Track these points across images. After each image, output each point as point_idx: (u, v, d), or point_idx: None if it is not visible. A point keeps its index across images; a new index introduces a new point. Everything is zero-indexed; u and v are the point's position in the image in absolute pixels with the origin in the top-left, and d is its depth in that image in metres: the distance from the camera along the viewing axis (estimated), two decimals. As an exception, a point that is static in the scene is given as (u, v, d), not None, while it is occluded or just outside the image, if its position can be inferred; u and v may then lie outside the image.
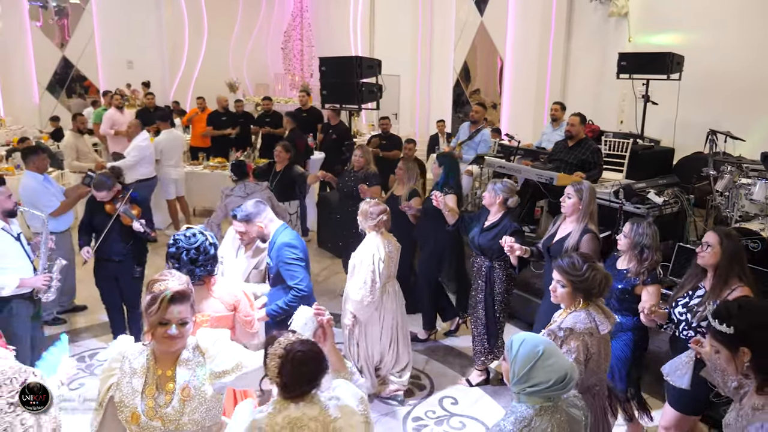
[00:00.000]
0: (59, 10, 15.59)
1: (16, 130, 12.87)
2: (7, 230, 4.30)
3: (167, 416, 2.32)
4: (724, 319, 2.34)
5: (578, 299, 3.04)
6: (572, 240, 4.12)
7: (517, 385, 2.24)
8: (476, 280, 4.84)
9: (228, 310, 3.14)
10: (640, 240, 3.72)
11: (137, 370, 2.37)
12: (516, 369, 2.23)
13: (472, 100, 12.69)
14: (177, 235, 3.18)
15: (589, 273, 2.99)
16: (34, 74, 15.28)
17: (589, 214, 4.19)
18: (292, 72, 16.86)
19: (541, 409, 2.21)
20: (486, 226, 4.70)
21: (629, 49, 8.88)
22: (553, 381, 2.18)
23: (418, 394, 4.87)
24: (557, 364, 2.21)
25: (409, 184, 5.76)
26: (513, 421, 2.19)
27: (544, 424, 2.18)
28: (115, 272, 5.14)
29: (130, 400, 2.32)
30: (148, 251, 5.63)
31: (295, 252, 3.72)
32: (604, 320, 2.98)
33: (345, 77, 7.26)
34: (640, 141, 7.98)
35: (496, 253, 4.58)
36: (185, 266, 3.07)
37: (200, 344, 2.45)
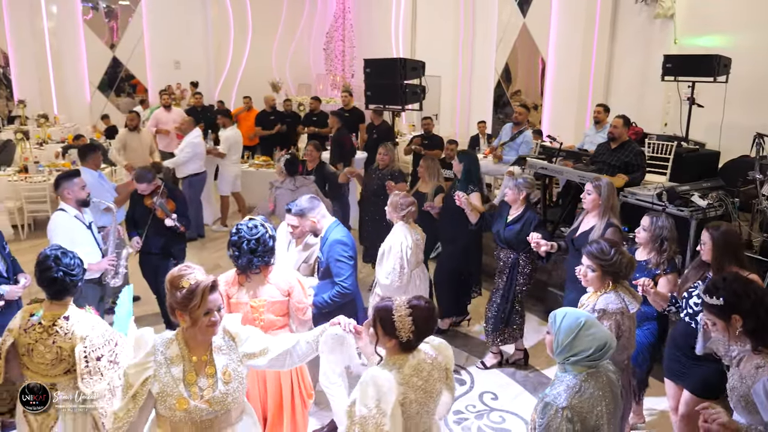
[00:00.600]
0: (109, 11, 16.10)
1: (69, 128, 13.37)
2: (79, 218, 4.64)
3: (214, 399, 2.47)
4: (713, 293, 2.64)
5: (607, 282, 3.32)
6: (596, 233, 4.34)
7: (561, 354, 2.47)
8: (501, 273, 5.10)
9: (282, 296, 3.33)
10: (661, 233, 3.94)
11: (173, 359, 2.49)
12: (560, 339, 2.46)
13: (513, 101, 12.69)
14: (240, 225, 3.32)
15: (616, 257, 3.26)
16: (86, 74, 15.82)
17: (609, 208, 4.43)
18: (333, 72, 17.05)
19: (587, 375, 2.44)
20: (510, 221, 4.96)
21: (675, 50, 8.79)
22: (594, 349, 2.41)
23: (458, 389, 4.97)
24: (598, 334, 2.44)
25: (432, 182, 5.99)
26: (564, 389, 2.41)
27: (591, 388, 2.41)
28: (156, 265, 5.41)
29: (173, 389, 2.45)
30: (186, 246, 5.86)
31: (345, 250, 3.88)
32: (632, 300, 3.26)
33: (389, 78, 7.39)
34: (685, 144, 7.92)
35: (522, 245, 4.84)
36: (245, 255, 3.23)
37: (229, 330, 2.63)
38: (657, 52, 8.84)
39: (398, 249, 4.62)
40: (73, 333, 2.85)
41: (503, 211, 5.11)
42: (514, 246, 4.95)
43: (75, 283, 2.97)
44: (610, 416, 2.46)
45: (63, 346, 2.85)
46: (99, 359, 2.85)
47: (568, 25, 10.69)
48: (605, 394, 2.44)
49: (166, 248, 5.47)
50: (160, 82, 15.65)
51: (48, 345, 2.85)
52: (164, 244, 5.45)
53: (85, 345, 2.84)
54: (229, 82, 16.77)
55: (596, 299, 3.30)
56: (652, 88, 9.25)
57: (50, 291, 2.93)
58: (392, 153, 6.64)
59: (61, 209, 4.66)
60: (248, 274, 3.31)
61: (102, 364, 2.86)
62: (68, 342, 2.85)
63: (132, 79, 16.68)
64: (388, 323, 2.53)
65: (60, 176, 4.82)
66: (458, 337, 5.91)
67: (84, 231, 4.66)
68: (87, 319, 2.96)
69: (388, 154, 6.55)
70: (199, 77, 15.70)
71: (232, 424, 2.59)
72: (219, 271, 7.34)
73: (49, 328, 2.87)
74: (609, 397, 2.45)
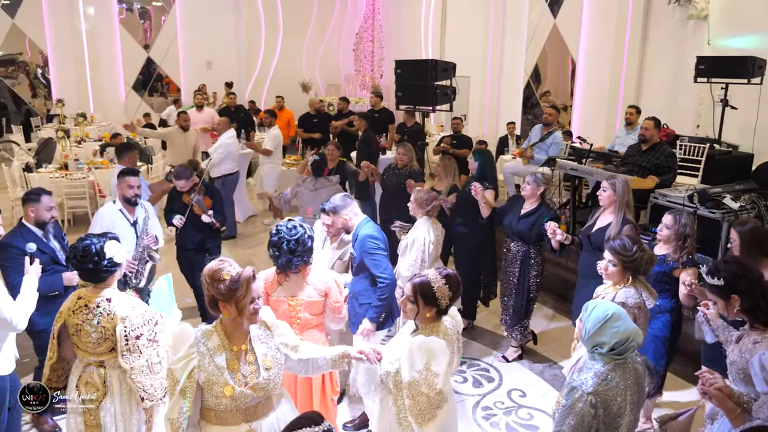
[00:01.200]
0: (143, 12, 16.44)
1: (105, 127, 13.70)
2: (123, 213, 4.85)
3: (258, 385, 2.59)
4: (714, 274, 2.85)
5: (627, 277, 3.46)
6: (613, 230, 4.45)
7: (588, 343, 2.63)
8: (512, 264, 5.26)
9: (320, 296, 3.43)
10: (684, 231, 4.07)
11: (215, 350, 2.59)
12: (588, 328, 2.62)
13: (542, 101, 12.67)
14: (280, 226, 3.43)
15: (638, 253, 3.39)
16: (121, 74, 16.20)
17: (625, 204, 4.55)
18: (362, 73, 17.18)
19: (615, 365, 2.57)
20: (523, 214, 5.14)
21: (708, 52, 8.73)
22: (616, 342, 2.53)
23: (487, 385, 5.05)
24: (622, 327, 2.55)
25: (448, 180, 6.07)
26: (592, 375, 2.55)
27: (617, 378, 2.54)
28: (192, 260, 5.61)
29: (218, 377, 2.55)
30: (221, 243, 6.03)
31: (376, 242, 3.98)
32: (648, 296, 3.43)
33: (420, 79, 7.46)
34: (717, 146, 7.87)
35: (534, 238, 5.08)
36: (284, 255, 3.34)
37: (264, 320, 2.77)
38: (690, 54, 8.78)
39: (421, 243, 4.83)
40: (114, 314, 3.05)
41: (515, 204, 5.30)
42: (526, 238, 5.13)
43: (114, 271, 3.16)
44: (633, 406, 2.57)
45: (106, 326, 3.05)
46: (138, 338, 3.02)
47: (600, 26, 10.66)
48: (630, 385, 2.56)
49: (203, 244, 5.66)
50: (193, 82, 15.95)
51: (93, 325, 3.05)
52: (201, 240, 5.64)
53: (125, 325, 3.02)
54: (259, 82, 17.01)
55: (615, 292, 3.44)
56: (685, 90, 9.19)
57: (92, 278, 3.12)
58: (411, 153, 6.74)
59: (112, 200, 5.02)
60: (287, 273, 3.41)
61: (141, 343, 3.03)
62: (110, 322, 3.04)
63: (164, 79, 17.02)
64: (429, 295, 2.82)
65: (121, 171, 5.13)
66: (485, 334, 5.99)
67: (127, 227, 4.86)
68: (127, 300, 3.14)
69: (407, 154, 6.67)
70: (231, 78, 15.95)
71: (274, 408, 2.72)
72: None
73: (93, 309, 3.07)
74: (633, 389, 2.57)
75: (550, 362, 5.44)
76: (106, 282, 3.14)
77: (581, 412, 2.49)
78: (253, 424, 2.64)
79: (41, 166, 9.42)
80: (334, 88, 17.93)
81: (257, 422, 2.65)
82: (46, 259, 4.01)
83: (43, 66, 15.84)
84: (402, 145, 6.92)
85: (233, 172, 8.59)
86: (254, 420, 2.64)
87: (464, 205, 5.70)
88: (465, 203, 5.65)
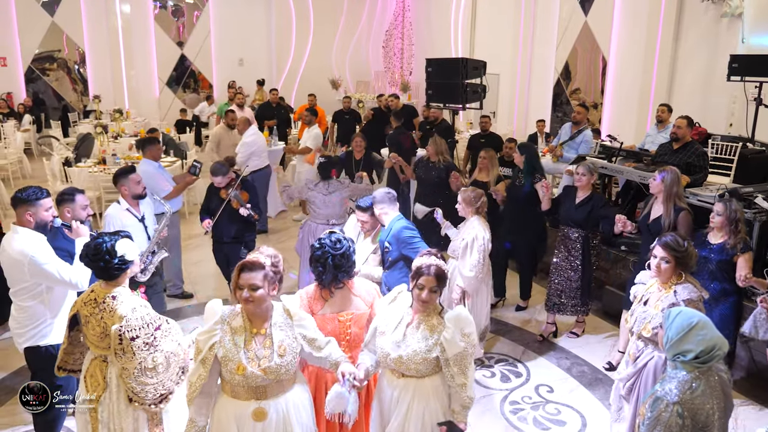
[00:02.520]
0: (176, 9, 16.73)
1: (140, 122, 14.00)
2: (131, 211, 4.99)
3: (269, 369, 2.77)
4: None
5: (678, 272, 3.46)
6: (667, 219, 4.75)
7: (670, 351, 2.54)
8: (573, 250, 5.54)
9: (367, 307, 3.33)
10: (735, 216, 4.32)
11: (237, 329, 2.82)
12: (670, 335, 2.53)
13: (572, 99, 12.64)
14: (323, 240, 3.30)
15: (690, 249, 3.46)
16: (155, 70, 16.52)
17: (675, 194, 4.80)
18: (392, 70, 17.27)
19: (699, 373, 2.49)
20: (578, 203, 5.44)
21: (742, 50, 8.64)
22: (701, 350, 2.45)
23: (515, 381, 5.12)
24: (708, 336, 2.47)
25: (493, 171, 6.28)
26: (677, 384, 2.46)
27: (702, 386, 2.46)
28: (227, 253, 5.79)
29: (234, 354, 2.77)
30: (256, 237, 6.19)
31: (413, 232, 4.12)
32: (702, 288, 3.45)
33: (450, 78, 7.54)
34: (750, 145, 7.80)
35: (591, 223, 5.38)
36: (329, 271, 3.20)
37: (288, 309, 2.91)
38: (723, 52, 8.71)
39: (481, 242, 4.88)
40: (115, 312, 3.04)
41: (568, 195, 5.60)
42: (584, 225, 5.43)
43: (126, 269, 3.16)
44: (721, 414, 2.51)
45: (107, 322, 3.05)
46: (133, 340, 2.95)
47: (631, 24, 10.60)
48: (716, 393, 2.49)
49: (238, 237, 5.83)
50: (225, 79, 16.22)
51: (97, 319, 3.07)
52: (236, 233, 5.81)
53: (121, 324, 2.98)
54: (289, 79, 17.20)
55: (672, 290, 3.42)
56: (717, 88, 9.11)
57: (105, 276, 3.13)
58: (438, 146, 6.83)
59: (116, 202, 5.11)
60: (332, 289, 3.26)
61: (136, 345, 2.95)
62: (110, 319, 3.04)
63: (198, 75, 17.30)
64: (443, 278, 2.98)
65: (117, 173, 5.11)
66: (514, 330, 6.05)
67: (135, 223, 4.99)
68: (131, 301, 3.11)
69: (434, 147, 6.81)
70: (262, 74, 16.17)
71: (285, 392, 2.88)
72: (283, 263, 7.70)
73: (99, 304, 3.09)
74: (720, 396, 2.51)
75: (577, 359, 5.48)
76: (118, 280, 3.14)
77: (668, 423, 2.41)
78: (263, 403, 2.81)
79: (80, 160, 9.69)
80: (363, 84, 18.06)
81: (267, 402, 2.82)
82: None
83: (80, 63, 16.25)
84: (432, 140, 7.03)
85: (263, 167, 8.65)
86: (264, 399, 2.82)
87: (517, 199, 6.07)
88: (519, 197, 6.02)
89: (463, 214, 5.07)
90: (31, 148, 14.11)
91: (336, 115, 11.66)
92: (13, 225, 3.69)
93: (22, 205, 3.68)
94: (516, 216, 6.17)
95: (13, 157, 12.03)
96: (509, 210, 6.23)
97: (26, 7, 15.23)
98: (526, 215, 6.11)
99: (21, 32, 15.30)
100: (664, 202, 4.79)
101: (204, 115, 14.91)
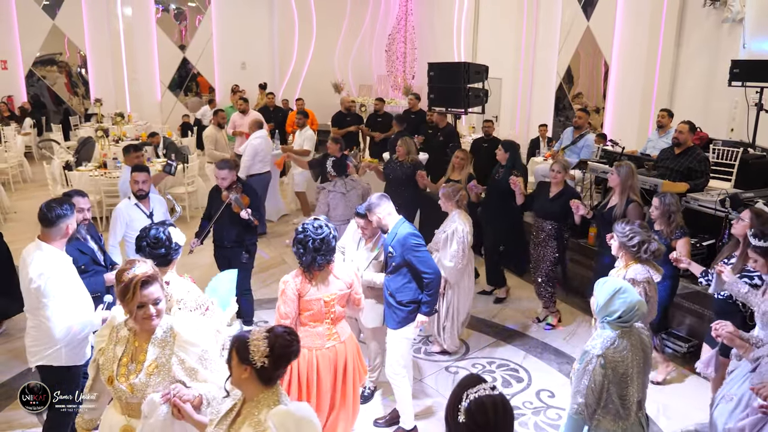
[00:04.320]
0: (178, 13, 16.77)
1: (142, 126, 14.01)
2: (139, 207, 5.06)
3: (135, 386, 2.64)
4: (761, 237, 3.52)
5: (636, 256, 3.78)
6: (618, 209, 5.26)
7: (600, 313, 2.94)
8: (547, 241, 5.91)
9: (347, 288, 3.62)
10: (668, 209, 4.79)
11: (120, 339, 2.73)
12: (599, 300, 2.93)
13: (574, 103, 12.64)
14: (306, 224, 3.53)
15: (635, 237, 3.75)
16: (157, 73, 16.54)
17: (629, 187, 5.29)
18: (394, 74, 17.27)
19: (622, 332, 2.88)
20: (552, 197, 5.85)
21: (743, 55, 8.65)
22: (624, 310, 2.84)
23: (516, 386, 5.11)
24: (629, 298, 2.86)
25: (466, 170, 6.59)
26: (602, 341, 2.87)
27: (624, 342, 2.86)
28: (228, 257, 5.78)
29: (110, 365, 2.69)
30: (257, 241, 6.17)
31: (418, 240, 4.11)
32: (655, 272, 3.79)
33: (452, 82, 7.53)
34: (751, 150, 7.80)
35: (564, 216, 5.79)
36: (309, 253, 3.44)
37: (175, 328, 2.70)
38: (724, 57, 8.72)
39: (461, 234, 5.18)
40: (171, 296, 3.22)
41: (543, 190, 6.01)
42: (558, 217, 5.82)
43: (179, 253, 3.45)
44: (639, 370, 2.90)
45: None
46: None
47: (633, 28, 10.61)
48: (636, 350, 2.89)
49: (239, 241, 5.80)
50: (227, 82, 16.23)
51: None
52: (236, 237, 5.79)
53: (179, 306, 3.20)
54: (292, 82, 17.20)
55: (626, 270, 3.79)
56: (719, 94, 9.11)
57: (162, 262, 3.30)
58: (408, 145, 7.11)
59: (127, 198, 5.34)
60: (312, 271, 3.50)
61: None
62: (168, 303, 3.10)
63: (198, 78, 17.30)
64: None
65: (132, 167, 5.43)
66: (515, 335, 6.04)
67: (144, 219, 5.14)
68: (184, 284, 3.35)
69: (403, 147, 7.07)
70: (264, 78, 16.18)
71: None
72: (285, 266, 7.74)
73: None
74: (640, 355, 2.90)
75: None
76: (170, 265, 3.38)
77: (593, 372, 2.80)
78: (132, 421, 2.68)
79: (81, 164, 9.67)
80: (366, 88, 18.04)
81: (136, 421, 2.66)
82: (87, 260, 4.13)
83: (82, 66, 16.27)
84: (402, 139, 7.26)
85: (263, 173, 8.64)
86: (132, 418, 2.68)
87: (495, 192, 6.47)
88: (498, 191, 6.39)
89: (445, 208, 5.38)
90: (32, 151, 14.13)
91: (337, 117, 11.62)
92: (38, 240, 3.50)
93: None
94: (493, 208, 6.57)
95: (14, 161, 12.01)
96: (487, 202, 6.61)
97: (27, 9, 15.25)
98: (503, 208, 6.47)
99: (22, 35, 15.31)
100: (619, 194, 5.32)
101: (206, 118, 14.91)
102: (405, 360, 4.30)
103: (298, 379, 3.48)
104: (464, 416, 1.89)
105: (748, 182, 7.00)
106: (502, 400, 1.93)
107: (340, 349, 3.61)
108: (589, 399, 2.81)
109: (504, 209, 6.48)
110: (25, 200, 10.61)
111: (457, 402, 1.93)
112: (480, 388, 1.93)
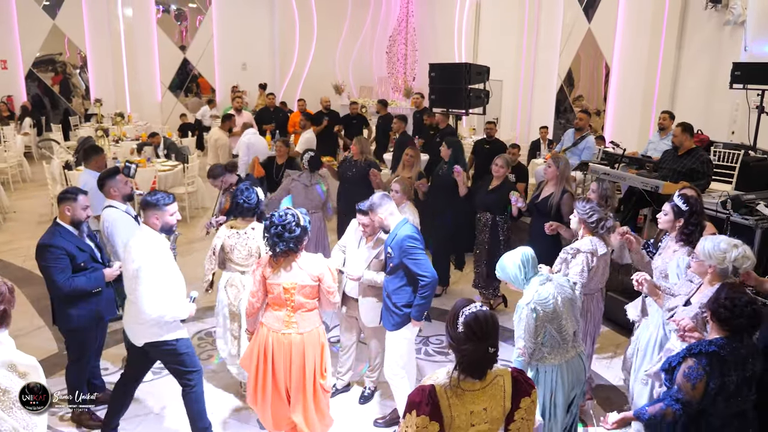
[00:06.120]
0: (179, 14, 16.76)
1: (142, 126, 14.00)
2: (129, 212, 4.90)
3: None
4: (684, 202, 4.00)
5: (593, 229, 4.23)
6: (555, 198, 5.50)
7: (521, 283, 3.41)
8: (482, 233, 6.23)
9: (312, 281, 3.71)
10: (605, 193, 5.07)
11: None
12: (509, 275, 3.43)
13: (575, 105, 12.64)
14: (274, 213, 3.69)
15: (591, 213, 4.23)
16: (158, 74, 16.52)
17: (565, 179, 5.57)
18: (395, 75, 17.27)
19: (545, 279, 3.38)
20: (490, 189, 6.12)
21: (744, 58, 8.64)
22: (520, 264, 3.39)
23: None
24: (513, 256, 3.42)
25: (416, 168, 6.79)
26: (526, 294, 3.35)
27: (546, 290, 3.32)
28: None
29: None
30: None
31: (415, 243, 4.03)
32: (603, 246, 4.21)
33: (453, 83, 7.53)
34: (752, 152, 7.79)
35: (499, 209, 6.06)
36: (271, 238, 3.62)
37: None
38: (726, 59, 8.72)
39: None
40: (256, 237, 4.41)
41: (484, 183, 6.29)
42: (493, 209, 6.10)
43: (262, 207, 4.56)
44: (566, 308, 3.36)
45: (252, 246, 4.46)
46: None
47: (635, 31, 10.60)
48: (558, 292, 3.34)
49: None
50: (227, 83, 16.23)
51: (243, 245, 4.48)
52: None
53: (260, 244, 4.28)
54: (292, 83, 17.21)
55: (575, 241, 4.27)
56: (720, 96, 9.11)
57: (247, 214, 4.46)
58: (361, 145, 7.07)
59: (110, 206, 4.78)
60: (276, 256, 3.65)
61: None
62: (255, 243, 4.43)
63: (198, 78, 17.30)
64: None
65: (102, 175, 4.90)
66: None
67: (132, 223, 4.81)
68: (261, 229, 3.96)
69: (357, 146, 7.04)
70: (264, 79, 16.18)
71: None
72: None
73: (243, 234, 4.48)
74: (562, 295, 3.36)
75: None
76: (253, 217, 4.49)
77: (527, 319, 3.26)
78: None
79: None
80: (366, 90, 18.05)
81: None
82: (86, 258, 4.11)
83: (82, 66, 16.26)
84: (356, 138, 7.31)
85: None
86: None
87: (441, 187, 6.69)
88: (441, 186, 6.65)
89: (397, 202, 5.19)
90: (32, 151, 14.11)
91: (344, 120, 11.63)
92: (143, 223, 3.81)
93: (150, 208, 3.75)
94: (438, 202, 6.74)
95: (13, 161, 12.00)
96: (433, 197, 6.78)
97: (27, 9, 15.24)
98: (448, 202, 6.60)
99: (22, 35, 15.29)
100: (555, 185, 5.56)
101: (206, 119, 14.92)
102: (404, 360, 4.27)
103: (257, 352, 3.76)
104: (462, 327, 2.36)
105: (749, 184, 6.97)
106: (492, 313, 2.43)
107: (296, 339, 3.70)
108: (528, 342, 3.29)
109: (450, 203, 6.62)
110: (25, 200, 10.60)
111: (456, 318, 2.40)
112: (473, 306, 2.40)
